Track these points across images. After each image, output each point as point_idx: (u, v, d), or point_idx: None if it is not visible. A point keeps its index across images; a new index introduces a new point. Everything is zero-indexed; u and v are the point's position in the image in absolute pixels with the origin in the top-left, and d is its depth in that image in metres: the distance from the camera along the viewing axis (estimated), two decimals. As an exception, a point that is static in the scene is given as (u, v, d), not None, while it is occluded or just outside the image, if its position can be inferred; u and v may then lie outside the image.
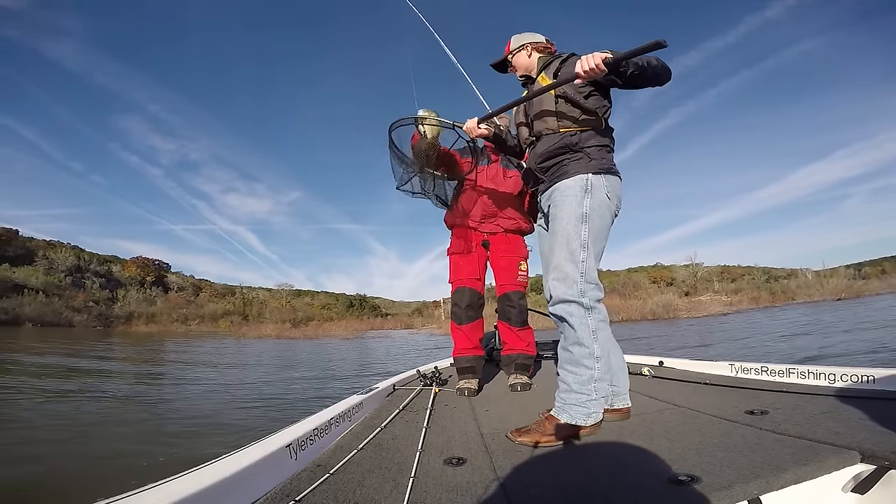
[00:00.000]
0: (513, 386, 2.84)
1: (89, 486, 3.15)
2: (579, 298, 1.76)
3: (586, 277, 1.78)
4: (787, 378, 2.47)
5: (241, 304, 46.40)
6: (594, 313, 1.78)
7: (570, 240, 1.81)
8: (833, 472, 1.24)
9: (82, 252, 45.64)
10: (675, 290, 33.91)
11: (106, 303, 37.91)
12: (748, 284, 38.03)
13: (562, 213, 1.85)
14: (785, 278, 39.38)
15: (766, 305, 27.10)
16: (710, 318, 22.29)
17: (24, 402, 5.98)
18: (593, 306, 1.78)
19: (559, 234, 1.84)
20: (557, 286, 1.81)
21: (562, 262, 1.81)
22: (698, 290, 36.30)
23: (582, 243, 1.79)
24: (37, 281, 35.01)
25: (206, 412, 5.86)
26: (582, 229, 1.80)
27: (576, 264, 1.78)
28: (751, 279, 41.13)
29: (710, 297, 30.92)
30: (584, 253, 1.79)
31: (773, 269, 45.77)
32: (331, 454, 1.65)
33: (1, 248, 37.77)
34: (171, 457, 3.81)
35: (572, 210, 1.83)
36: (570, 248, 1.80)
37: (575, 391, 1.74)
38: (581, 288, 1.77)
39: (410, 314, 50.66)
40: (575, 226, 1.81)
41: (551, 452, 1.60)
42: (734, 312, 24.16)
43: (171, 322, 36.75)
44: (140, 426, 5.15)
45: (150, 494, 1.07)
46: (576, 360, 1.76)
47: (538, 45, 2.19)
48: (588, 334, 1.75)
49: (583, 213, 1.81)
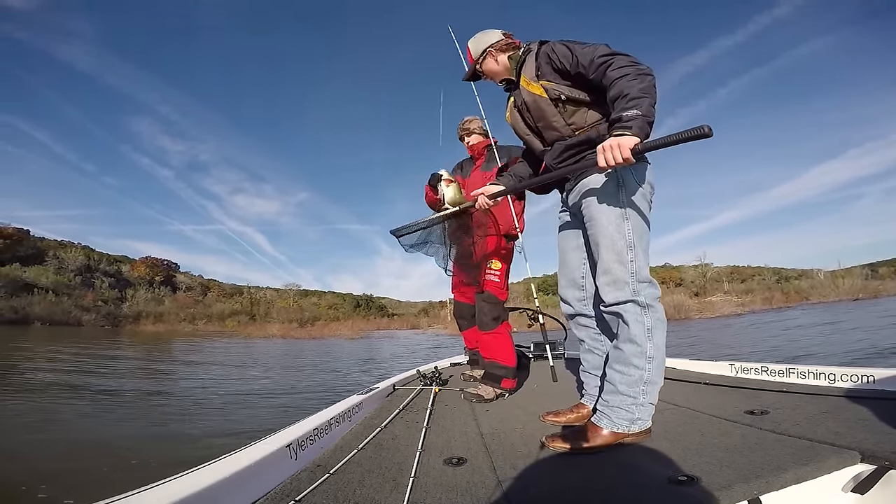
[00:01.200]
0: (466, 395, 2.62)
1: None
2: (634, 297, 1.65)
3: (638, 276, 1.67)
4: (787, 378, 2.46)
5: (249, 304, 46.64)
6: (651, 311, 1.66)
7: (614, 241, 1.69)
8: (833, 472, 1.24)
9: (92, 252, 46.12)
10: (684, 291, 33.64)
11: (115, 302, 38.21)
12: (759, 285, 37.70)
13: (599, 212, 1.73)
14: (796, 278, 39.08)
15: (780, 306, 26.69)
16: (724, 318, 21.93)
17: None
18: (650, 304, 1.67)
19: (602, 236, 1.72)
20: (609, 290, 1.70)
21: (610, 265, 1.69)
22: (708, 291, 36.03)
23: (628, 242, 1.69)
24: (47, 280, 35.34)
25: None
26: (625, 227, 1.69)
27: (624, 265, 1.67)
28: (761, 280, 40.81)
29: (721, 298, 30.62)
30: (632, 252, 1.68)
31: (784, 270, 45.47)
32: (331, 454, 1.65)
33: (12, 247, 38.16)
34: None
35: (610, 208, 1.71)
36: (616, 250, 1.69)
37: (621, 393, 1.62)
38: (634, 288, 1.66)
39: (417, 314, 50.65)
40: (617, 225, 1.70)
41: (552, 452, 1.59)
42: (748, 313, 23.82)
43: (179, 321, 36.94)
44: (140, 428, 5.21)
45: (150, 494, 1.07)
46: (625, 359, 1.64)
47: (499, 44, 2.04)
48: (642, 332, 1.63)
49: (622, 211, 1.70)
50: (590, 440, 1.60)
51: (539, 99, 1.83)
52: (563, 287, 2.06)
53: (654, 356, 1.63)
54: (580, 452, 1.57)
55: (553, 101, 1.80)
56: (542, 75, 1.82)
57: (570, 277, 2.03)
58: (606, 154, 1.49)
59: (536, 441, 1.70)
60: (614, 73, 1.57)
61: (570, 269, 2.03)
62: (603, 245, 1.72)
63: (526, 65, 1.88)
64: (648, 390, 1.62)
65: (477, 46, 2.08)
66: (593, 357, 1.97)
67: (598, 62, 1.62)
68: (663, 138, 1.42)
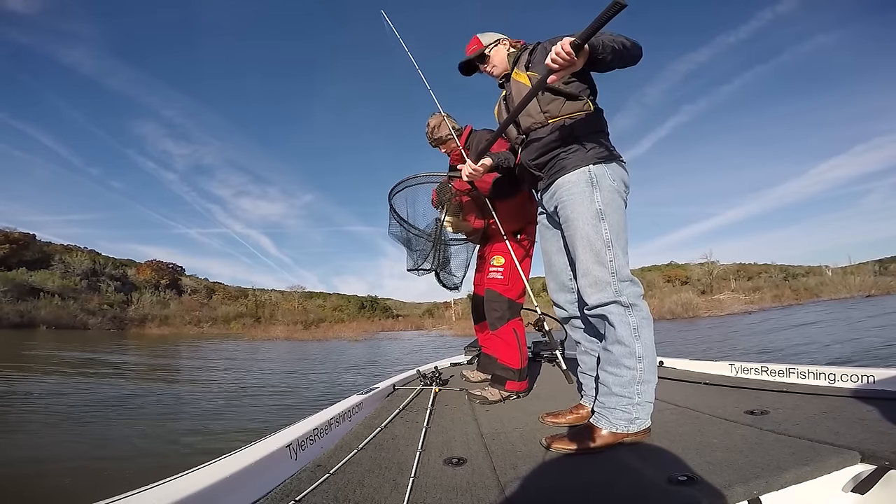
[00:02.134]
0: (470, 397, 2.61)
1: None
2: (616, 298, 1.65)
3: (618, 276, 1.67)
4: (787, 378, 2.47)
5: (254, 307, 46.83)
6: (635, 311, 1.66)
7: (591, 241, 1.69)
8: (833, 472, 1.24)
9: (98, 256, 46.56)
10: (690, 289, 33.54)
11: (120, 306, 38.50)
12: (766, 282, 37.52)
13: (574, 213, 1.74)
14: (804, 276, 38.91)
15: (789, 303, 26.45)
16: (734, 316, 21.63)
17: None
18: (633, 303, 1.66)
19: (579, 237, 1.72)
20: (590, 292, 1.69)
21: (589, 267, 1.69)
22: (714, 289, 35.90)
23: (605, 242, 1.68)
24: (53, 284, 35.66)
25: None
26: (601, 227, 1.69)
27: (604, 265, 1.67)
28: (768, 277, 40.63)
29: (728, 296, 30.46)
30: (610, 251, 1.68)
31: (791, 267, 45.26)
32: (331, 454, 1.65)
33: (18, 252, 38.50)
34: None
35: (584, 208, 1.72)
36: (594, 250, 1.69)
37: (616, 394, 1.62)
38: (616, 288, 1.66)
39: (421, 315, 50.83)
40: (593, 225, 1.70)
41: (552, 453, 1.59)
42: (758, 311, 23.56)
43: (184, 324, 37.18)
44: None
45: (150, 494, 1.07)
46: (615, 361, 1.64)
47: (507, 39, 2.13)
48: (629, 332, 1.63)
49: (597, 210, 1.70)
50: (590, 441, 1.59)
51: (522, 87, 1.91)
52: (553, 291, 2.06)
53: (643, 355, 1.63)
54: (580, 453, 1.57)
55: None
56: (531, 66, 1.89)
57: (558, 281, 2.03)
58: (551, 53, 1.48)
59: (536, 441, 1.70)
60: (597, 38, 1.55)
61: (556, 273, 2.03)
62: (580, 246, 1.72)
63: (520, 59, 1.97)
64: (643, 389, 1.62)
65: (488, 38, 2.18)
66: (589, 358, 1.96)
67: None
68: (589, 26, 1.35)
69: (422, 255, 2.63)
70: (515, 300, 2.77)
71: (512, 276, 2.74)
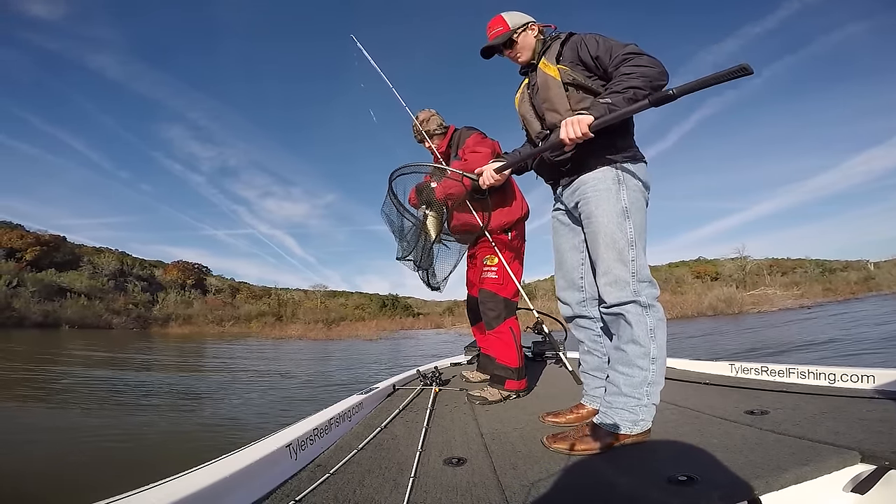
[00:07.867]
0: (470, 397, 2.59)
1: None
2: (635, 298, 1.63)
3: (638, 276, 1.66)
4: (787, 378, 2.46)
5: (276, 305, 47.41)
6: (652, 311, 1.64)
7: (615, 239, 1.67)
8: (833, 472, 1.24)
9: (126, 257, 47.55)
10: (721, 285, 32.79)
11: (146, 305, 39.21)
12: (802, 277, 36.59)
13: (599, 210, 1.71)
14: (842, 270, 37.82)
15: (845, 298, 25.49)
16: (789, 311, 20.41)
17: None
18: (651, 304, 1.65)
19: (602, 234, 1.69)
20: (610, 291, 1.67)
21: (611, 265, 1.67)
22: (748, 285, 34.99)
23: (629, 241, 1.67)
24: (80, 285, 36.23)
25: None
26: (626, 226, 1.67)
27: (626, 264, 1.65)
28: (803, 272, 39.57)
29: (774, 291, 29.55)
30: (633, 251, 1.66)
31: (828, 262, 43.96)
32: (331, 454, 1.66)
33: (49, 254, 39.49)
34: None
35: (610, 206, 1.69)
36: (617, 248, 1.66)
37: (624, 394, 1.60)
38: (635, 288, 1.65)
39: (441, 313, 50.80)
40: (618, 223, 1.68)
41: (552, 453, 1.59)
42: (814, 305, 22.27)
43: (207, 323, 37.47)
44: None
45: (150, 494, 1.07)
46: (629, 360, 1.62)
47: (536, 24, 2.01)
48: (645, 332, 1.61)
49: (623, 209, 1.68)
50: (590, 441, 1.59)
51: (551, 80, 1.82)
52: (561, 289, 2.03)
53: (657, 357, 1.62)
54: (580, 453, 1.57)
55: (563, 85, 1.79)
56: (561, 59, 1.82)
57: (568, 279, 2.00)
58: (567, 129, 1.58)
59: (536, 441, 1.70)
60: (627, 68, 1.59)
61: (568, 270, 2.00)
62: (603, 244, 1.69)
63: (550, 49, 1.87)
64: (651, 391, 1.61)
65: (516, 19, 2.01)
66: (592, 358, 1.95)
67: (622, 55, 1.64)
68: (612, 115, 1.52)
69: (408, 246, 2.62)
70: (511, 299, 2.77)
71: (506, 275, 2.73)
